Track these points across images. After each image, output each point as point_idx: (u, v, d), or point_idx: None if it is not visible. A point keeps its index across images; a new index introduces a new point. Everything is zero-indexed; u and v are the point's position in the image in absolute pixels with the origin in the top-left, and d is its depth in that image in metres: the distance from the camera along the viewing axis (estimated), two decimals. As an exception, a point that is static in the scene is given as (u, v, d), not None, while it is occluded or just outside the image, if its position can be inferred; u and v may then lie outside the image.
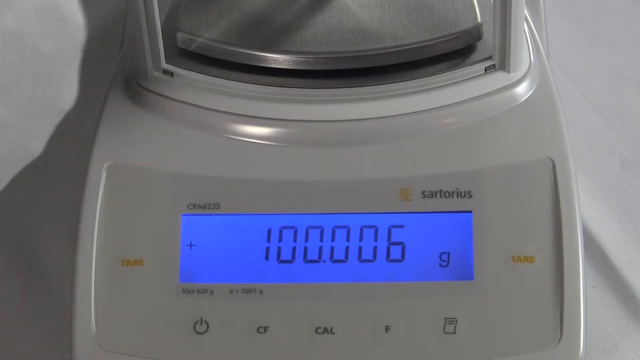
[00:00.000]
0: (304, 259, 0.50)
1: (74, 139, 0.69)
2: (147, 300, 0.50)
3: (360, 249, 0.50)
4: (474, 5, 0.55)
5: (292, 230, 0.50)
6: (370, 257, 0.50)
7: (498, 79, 0.52)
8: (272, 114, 0.52)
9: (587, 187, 0.64)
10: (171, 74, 0.53)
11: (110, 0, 0.81)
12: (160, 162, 0.51)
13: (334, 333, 0.49)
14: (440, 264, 0.50)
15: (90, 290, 0.50)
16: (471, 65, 0.53)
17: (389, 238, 0.50)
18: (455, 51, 0.54)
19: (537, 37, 0.58)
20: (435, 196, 0.50)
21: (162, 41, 0.52)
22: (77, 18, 0.81)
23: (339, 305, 0.49)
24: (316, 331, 0.49)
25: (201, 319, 0.49)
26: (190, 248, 0.50)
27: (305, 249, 0.50)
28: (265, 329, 0.49)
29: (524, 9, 0.50)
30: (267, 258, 0.50)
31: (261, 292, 0.50)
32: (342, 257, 0.50)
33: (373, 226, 0.50)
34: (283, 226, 0.50)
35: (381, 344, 0.49)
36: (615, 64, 0.74)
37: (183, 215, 0.50)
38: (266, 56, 0.53)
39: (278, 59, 0.53)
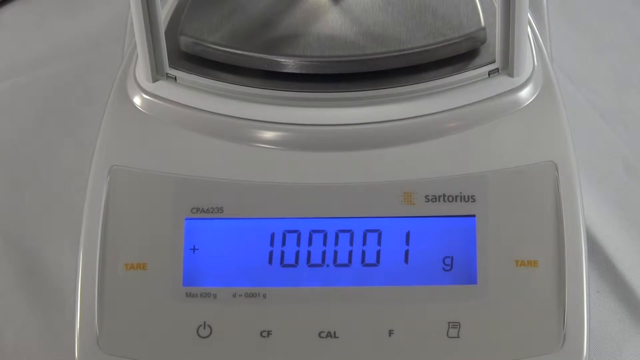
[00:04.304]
0: (307, 263, 0.50)
1: (77, 141, 0.69)
2: (150, 304, 0.50)
3: (363, 252, 0.50)
4: (477, 10, 0.55)
5: (296, 235, 0.50)
6: (374, 261, 0.50)
7: (501, 82, 0.52)
8: (276, 118, 0.52)
9: (590, 191, 0.64)
10: (174, 78, 0.53)
11: (113, 2, 0.82)
12: (164, 166, 0.51)
13: (337, 337, 0.49)
14: (443, 268, 0.50)
15: (94, 294, 0.50)
16: (475, 69, 0.53)
17: (393, 242, 0.50)
18: (458, 55, 0.54)
19: (541, 41, 0.58)
20: (439, 200, 0.50)
21: (165, 45, 0.52)
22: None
23: (342, 309, 0.49)
24: (319, 335, 0.49)
25: (204, 323, 0.49)
26: (194, 252, 0.50)
27: (309, 253, 0.50)
28: (269, 333, 0.49)
29: (527, 13, 0.50)
30: (270, 262, 0.50)
31: (264, 296, 0.50)
32: (346, 261, 0.50)
33: (376, 230, 0.50)
34: (286, 230, 0.50)
35: (384, 348, 0.49)
36: (619, 68, 0.74)
37: (186, 219, 0.50)
38: (270, 60, 0.53)
39: (281, 63, 0.53)
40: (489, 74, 0.53)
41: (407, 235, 0.50)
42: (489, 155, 0.51)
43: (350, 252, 0.50)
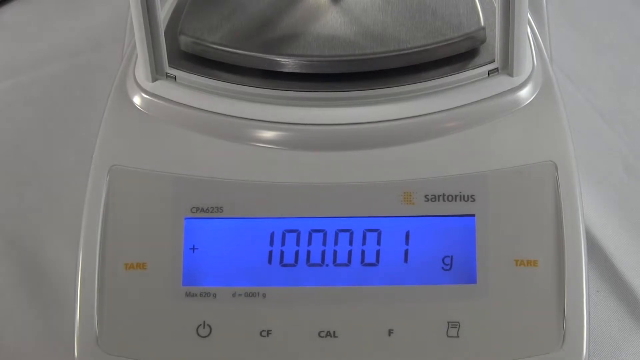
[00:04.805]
0: (306, 263, 0.50)
1: (77, 141, 0.69)
2: (149, 304, 0.50)
3: (363, 252, 0.50)
4: (477, 9, 0.55)
5: (295, 234, 0.50)
6: (373, 261, 0.50)
7: (501, 82, 0.52)
8: (275, 118, 0.52)
9: (590, 190, 0.64)
10: (174, 77, 0.53)
11: (113, 2, 0.82)
12: (163, 165, 0.51)
13: (337, 337, 0.49)
14: (443, 267, 0.50)
15: (93, 294, 0.50)
16: (474, 68, 0.53)
17: (392, 242, 0.50)
18: (458, 55, 0.54)
19: (540, 40, 0.58)
20: (439, 200, 0.50)
21: (165, 45, 0.52)
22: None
23: (342, 308, 0.49)
24: (319, 335, 0.49)
25: (204, 322, 0.49)
26: (193, 251, 0.50)
27: (308, 252, 0.50)
28: (268, 332, 0.49)
29: (527, 12, 0.50)
30: (270, 262, 0.50)
31: (264, 295, 0.50)
32: (345, 260, 0.50)
33: (376, 230, 0.50)
34: (286, 230, 0.50)
35: (384, 348, 0.49)
36: (619, 68, 0.74)
37: (186, 218, 0.50)
38: (269, 59, 0.53)
39: (281, 62, 0.53)
40: (488, 74, 0.53)
41: (407, 234, 0.50)
42: (489, 155, 0.51)
43: (350, 252, 0.50)
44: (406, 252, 0.50)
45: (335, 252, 0.50)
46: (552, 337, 0.49)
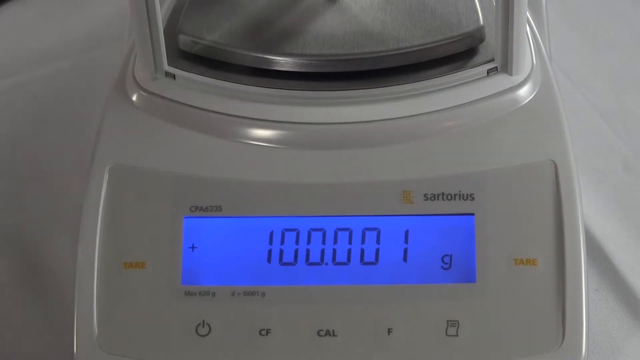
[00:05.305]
0: (306, 262, 0.50)
1: (76, 140, 0.69)
2: (149, 303, 0.50)
3: (362, 251, 0.50)
4: (476, 8, 0.55)
5: (294, 233, 0.50)
6: (373, 260, 0.50)
7: (500, 81, 0.52)
8: (275, 116, 0.52)
9: (590, 189, 0.64)
10: (173, 76, 0.53)
11: (113, 1, 0.82)
12: (163, 164, 0.51)
13: (336, 335, 0.49)
14: (442, 266, 0.50)
15: (92, 293, 0.50)
16: (473, 67, 0.53)
17: (391, 240, 0.50)
18: (457, 54, 0.54)
19: (540, 39, 0.58)
20: (438, 199, 0.50)
21: (164, 44, 0.52)
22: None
23: (341, 307, 0.49)
24: (318, 334, 0.49)
25: (203, 321, 0.49)
26: (193, 250, 0.50)
27: (308, 251, 0.50)
28: (268, 331, 0.49)
29: (526, 11, 0.50)
30: (269, 260, 0.50)
31: (263, 294, 0.50)
32: (345, 259, 0.50)
33: (375, 229, 0.50)
34: (285, 229, 0.50)
35: (383, 347, 0.49)
36: (618, 67, 0.74)
37: (185, 217, 0.50)
38: (268, 58, 0.53)
39: (280, 62, 0.53)
40: (487, 73, 0.53)
41: (406, 233, 0.50)
42: (488, 154, 0.51)
43: (349, 251, 0.50)
44: (405, 251, 0.50)
45: (334, 251, 0.50)
46: (551, 336, 0.49)
